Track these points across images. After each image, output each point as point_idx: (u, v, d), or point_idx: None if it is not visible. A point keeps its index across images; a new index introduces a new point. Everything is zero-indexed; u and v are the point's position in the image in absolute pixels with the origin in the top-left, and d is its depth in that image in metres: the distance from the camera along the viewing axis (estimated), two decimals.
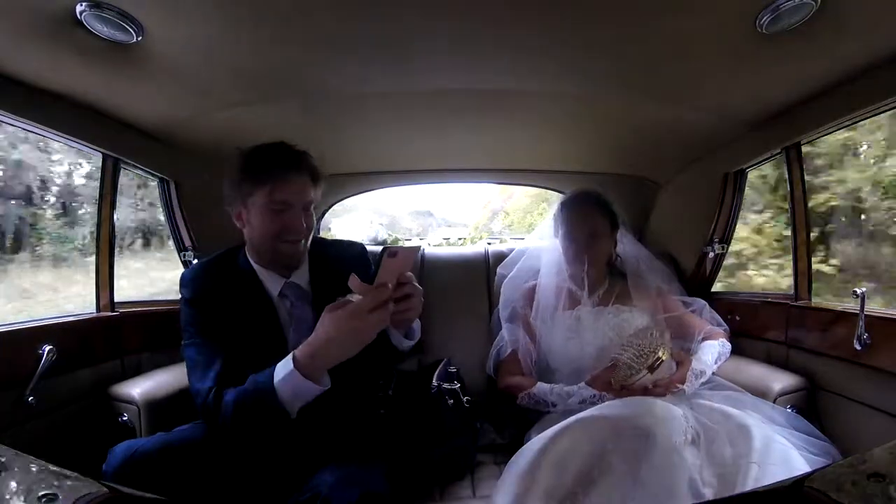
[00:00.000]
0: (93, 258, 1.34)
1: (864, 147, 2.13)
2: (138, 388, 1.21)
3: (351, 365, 0.85)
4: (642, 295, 1.43)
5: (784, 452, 0.98)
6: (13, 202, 2.00)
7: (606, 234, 1.42)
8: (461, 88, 1.23)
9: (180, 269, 1.58)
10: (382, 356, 1.00)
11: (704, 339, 1.37)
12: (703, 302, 1.47)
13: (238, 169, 1.03)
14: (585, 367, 1.32)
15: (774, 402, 1.22)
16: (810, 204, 1.38)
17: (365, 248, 1.22)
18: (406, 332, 1.01)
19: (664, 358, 1.12)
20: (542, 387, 1.29)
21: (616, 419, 1.03)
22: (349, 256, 1.17)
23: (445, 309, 1.62)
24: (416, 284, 0.88)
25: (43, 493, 0.43)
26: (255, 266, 1.07)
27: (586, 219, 1.40)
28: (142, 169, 1.45)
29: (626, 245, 1.51)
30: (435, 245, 2.28)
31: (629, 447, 0.96)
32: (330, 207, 2.12)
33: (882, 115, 1.11)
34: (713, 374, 1.29)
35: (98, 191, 1.34)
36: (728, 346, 1.36)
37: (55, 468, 0.51)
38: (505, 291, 1.59)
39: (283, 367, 0.84)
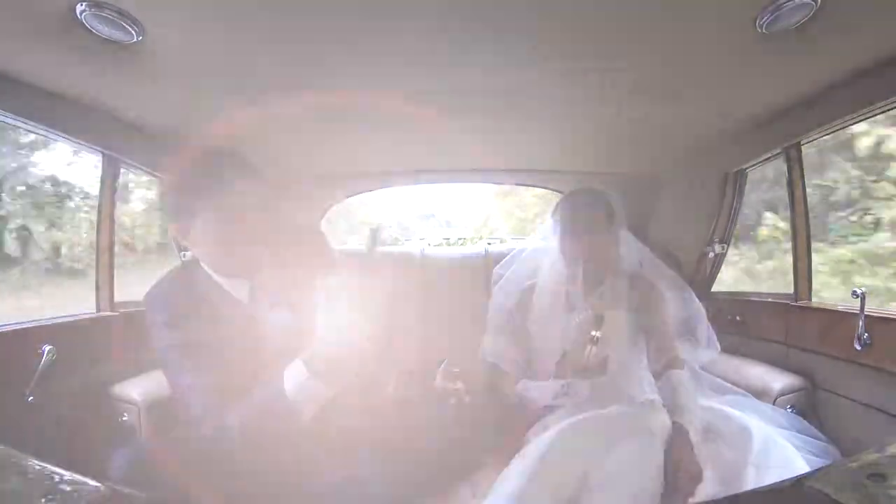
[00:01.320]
0: None
1: None
2: (139, 389, 1.21)
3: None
4: (642, 296, 1.43)
5: (785, 455, 0.98)
6: None
7: (605, 232, 1.38)
8: (461, 88, 1.23)
9: None
10: None
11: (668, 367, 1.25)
12: (700, 309, 1.37)
13: (181, 180, 0.93)
14: (581, 367, 1.33)
15: (774, 401, 1.22)
16: None
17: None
18: None
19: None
20: (523, 384, 1.31)
21: (619, 418, 1.03)
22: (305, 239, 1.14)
23: (445, 309, 1.62)
24: None
25: (43, 493, 0.43)
26: (216, 277, 0.98)
27: (585, 216, 1.37)
28: (142, 169, 1.45)
29: (627, 245, 1.50)
30: (435, 245, 2.29)
31: (632, 447, 0.97)
32: (329, 208, 2.12)
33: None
34: (712, 374, 1.29)
35: (98, 190, 1.34)
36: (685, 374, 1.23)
37: (55, 468, 0.51)
38: (497, 295, 1.55)
39: (294, 373, 0.80)
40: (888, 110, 1.07)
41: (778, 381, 1.26)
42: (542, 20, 0.92)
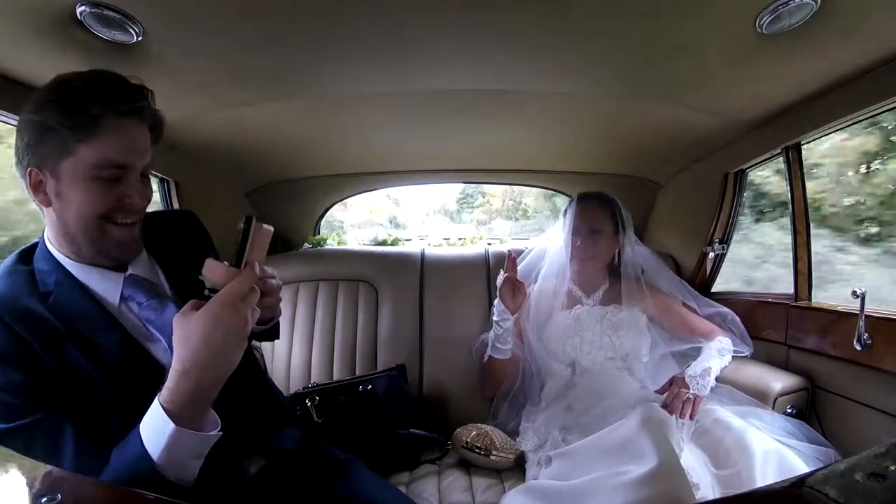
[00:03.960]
0: None
1: None
2: None
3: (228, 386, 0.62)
4: (640, 298, 1.44)
5: (787, 465, 0.98)
6: None
7: (609, 233, 1.45)
8: (461, 89, 1.23)
9: None
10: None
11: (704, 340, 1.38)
12: (729, 312, 1.45)
13: (49, 111, 0.67)
14: (581, 366, 1.34)
15: (774, 402, 1.23)
16: None
17: (197, 217, 0.98)
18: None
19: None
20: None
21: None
22: (186, 230, 0.93)
23: (445, 309, 1.62)
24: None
25: (43, 493, 0.43)
26: (71, 266, 0.74)
27: (591, 214, 1.45)
28: None
29: (633, 251, 1.51)
30: (435, 245, 2.28)
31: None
32: (329, 208, 2.11)
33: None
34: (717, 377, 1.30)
35: None
36: (727, 341, 1.36)
37: (55, 468, 0.51)
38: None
39: (153, 426, 0.59)
40: (888, 110, 1.07)
41: (778, 381, 1.25)
42: (542, 20, 0.92)
